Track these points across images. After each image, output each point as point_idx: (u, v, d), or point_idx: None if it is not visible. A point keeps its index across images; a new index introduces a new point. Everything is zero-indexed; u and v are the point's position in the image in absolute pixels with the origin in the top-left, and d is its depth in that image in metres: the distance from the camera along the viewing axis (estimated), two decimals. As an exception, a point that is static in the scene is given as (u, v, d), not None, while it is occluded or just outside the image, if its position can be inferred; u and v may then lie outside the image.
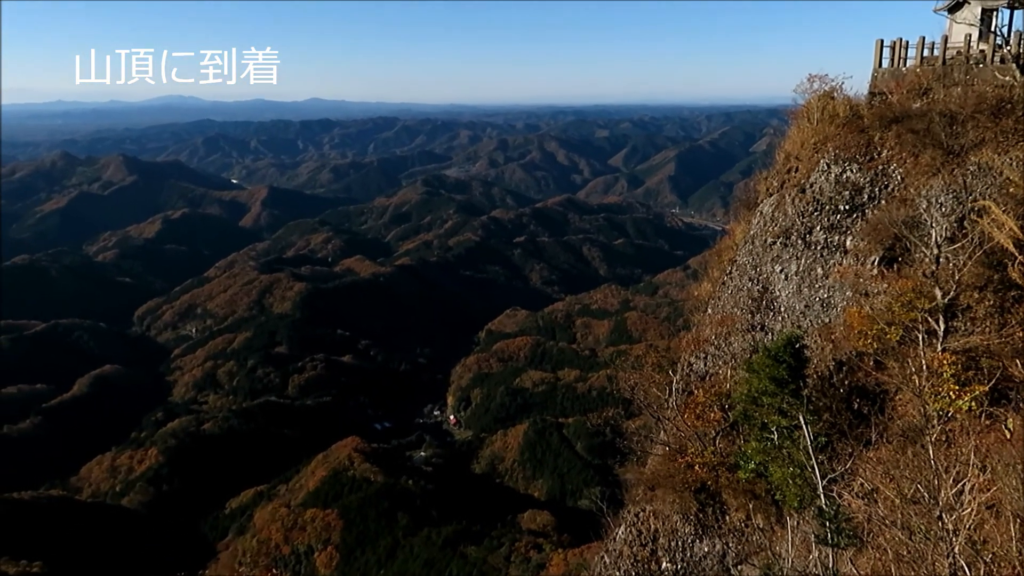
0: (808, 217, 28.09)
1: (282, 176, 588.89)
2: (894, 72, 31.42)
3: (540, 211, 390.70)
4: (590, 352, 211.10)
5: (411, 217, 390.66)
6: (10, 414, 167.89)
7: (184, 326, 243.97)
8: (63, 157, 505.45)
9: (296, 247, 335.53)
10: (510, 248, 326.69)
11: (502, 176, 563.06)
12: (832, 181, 27.74)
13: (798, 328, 25.72)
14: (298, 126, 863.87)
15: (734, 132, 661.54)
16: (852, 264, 25.31)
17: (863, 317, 21.35)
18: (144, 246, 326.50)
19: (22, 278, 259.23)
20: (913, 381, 18.52)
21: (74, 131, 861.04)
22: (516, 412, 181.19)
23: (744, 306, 30.07)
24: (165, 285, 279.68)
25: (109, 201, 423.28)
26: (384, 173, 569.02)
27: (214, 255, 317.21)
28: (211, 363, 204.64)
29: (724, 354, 29.80)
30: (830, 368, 23.68)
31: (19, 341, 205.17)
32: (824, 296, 26.35)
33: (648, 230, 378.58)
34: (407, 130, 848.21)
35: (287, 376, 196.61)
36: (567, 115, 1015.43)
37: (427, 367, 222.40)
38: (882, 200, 26.07)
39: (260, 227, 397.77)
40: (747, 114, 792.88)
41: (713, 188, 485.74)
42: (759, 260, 30.11)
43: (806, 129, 31.51)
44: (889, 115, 27.79)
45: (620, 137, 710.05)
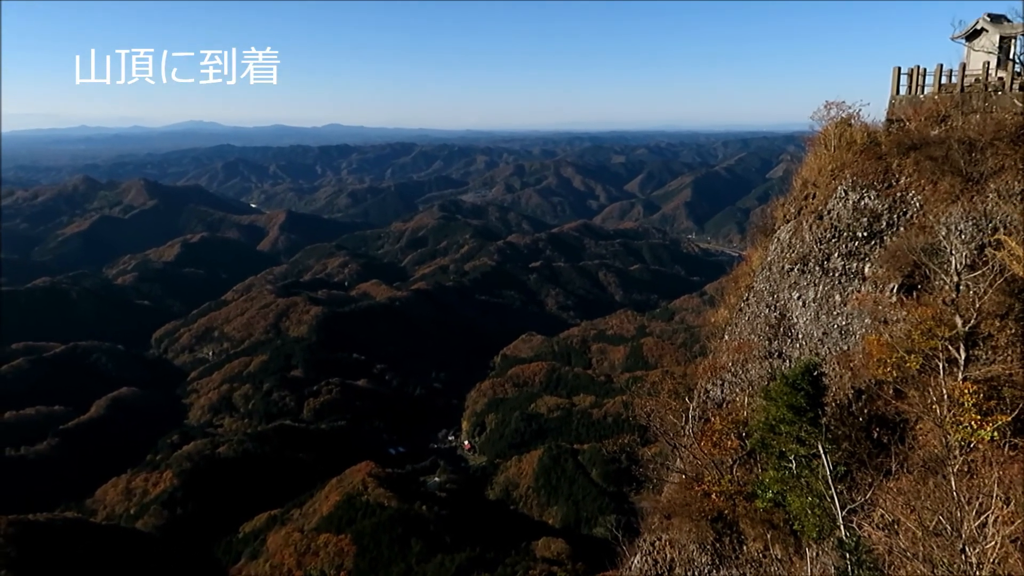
0: (826, 244, 27.96)
1: (300, 200, 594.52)
2: (912, 99, 31.38)
3: (556, 236, 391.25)
4: (606, 378, 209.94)
5: (427, 242, 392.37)
6: (28, 435, 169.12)
7: (201, 349, 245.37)
8: (85, 181, 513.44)
9: (313, 271, 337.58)
10: (526, 273, 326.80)
11: (518, 201, 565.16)
12: (850, 208, 27.63)
13: (816, 355, 25.50)
14: (316, 151, 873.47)
15: (750, 158, 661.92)
16: (871, 291, 25.12)
17: (882, 345, 21.14)
18: (163, 269, 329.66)
19: (43, 300, 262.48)
20: (934, 410, 18.28)
21: (96, 156, 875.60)
22: (531, 438, 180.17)
23: (761, 333, 29.88)
24: (183, 308, 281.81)
25: (130, 225, 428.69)
26: (401, 198, 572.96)
27: (232, 278, 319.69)
28: (227, 386, 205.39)
29: (741, 381, 29.57)
30: (849, 396, 23.43)
31: (39, 363, 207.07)
32: (842, 323, 26.14)
33: (664, 256, 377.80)
34: (424, 155, 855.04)
35: (302, 400, 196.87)
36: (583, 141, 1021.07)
37: (442, 392, 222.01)
38: (901, 227, 25.92)
39: (278, 251, 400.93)
40: (763, 140, 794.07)
41: (729, 214, 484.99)
42: (776, 287, 29.97)
43: (823, 156, 31.49)
44: (907, 142, 27.72)
45: (636, 163, 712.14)
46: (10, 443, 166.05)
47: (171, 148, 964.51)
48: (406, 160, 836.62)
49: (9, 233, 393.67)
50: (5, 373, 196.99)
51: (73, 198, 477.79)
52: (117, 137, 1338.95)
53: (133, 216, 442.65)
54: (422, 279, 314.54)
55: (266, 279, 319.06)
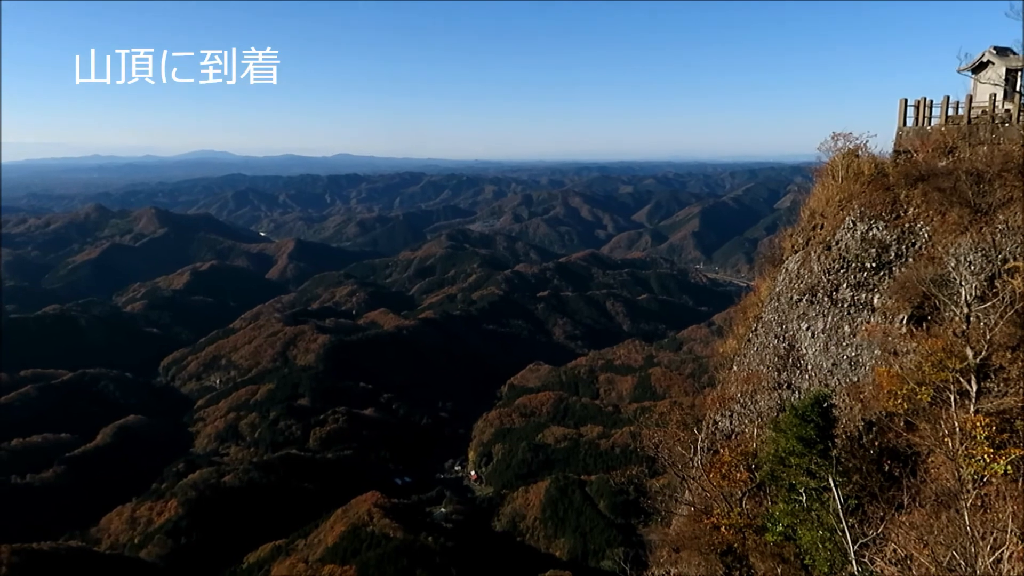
0: (834, 274, 27.91)
1: (309, 229, 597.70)
2: (919, 131, 31.49)
3: (564, 266, 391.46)
4: (613, 408, 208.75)
5: (435, 271, 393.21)
6: (35, 463, 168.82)
7: (208, 377, 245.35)
8: (97, 209, 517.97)
9: (321, 299, 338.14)
10: (533, 302, 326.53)
11: (526, 231, 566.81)
12: (858, 238, 27.61)
13: (825, 387, 25.34)
14: (326, 180, 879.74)
15: (758, 188, 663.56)
16: (880, 322, 25.01)
17: (892, 377, 20.99)
18: (172, 297, 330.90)
19: (52, 328, 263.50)
20: (946, 443, 18.08)
21: (109, 184, 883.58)
22: (538, 468, 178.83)
23: (770, 364, 29.72)
24: (191, 336, 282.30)
25: (140, 253, 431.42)
26: (409, 227, 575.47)
27: (240, 307, 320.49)
28: (234, 414, 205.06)
29: (750, 412, 29.37)
30: (859, 428, 23.22)
31: (47, 390, 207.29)
32: (852, 354, 26.00)
33: (672, 286, 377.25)
34: (433, 185, 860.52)
35: (309, 429, 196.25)
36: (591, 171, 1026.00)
37: (449, 421, 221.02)
38: (909, 258, 25.87)
39: (286, 279, 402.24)
40: (771, 171, 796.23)
41: (737, 244, 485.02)
42: (785, 317, 29.87)
43: (831, 186, 31.57)
44: (915, 173, 27.78)
45: (644, 193, 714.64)
46: (17, 471, 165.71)
47: (183, 177, 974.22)
48: (415, 189, 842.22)
49: (20, 260, 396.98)
50: (13, 400, 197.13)
51: (85, 226, 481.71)
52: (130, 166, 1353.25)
53: (144, 244, 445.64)
54: (430, 308, 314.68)
55: (274, 307, 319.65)
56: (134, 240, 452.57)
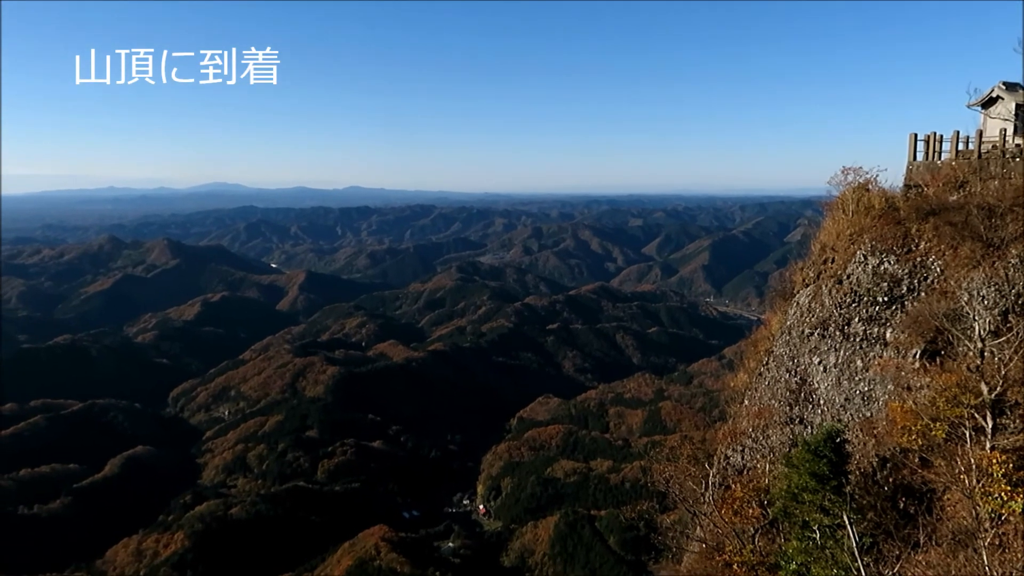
0: (846, 308, 27.78)
1: (320, 261, 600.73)
2: (929, 165, 31.54)
3: (573, 298, 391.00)
4: (623, 442, 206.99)
5: (445, 303, 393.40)
6: (42, 493, 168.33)
7: (217, 408, 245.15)
8: (110, 240, 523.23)
9: (331, 331, 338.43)
10: (543, 335, 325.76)
11: (536, 263, 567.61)
12: (869, 272, 27.52)
13: (838, 422, 25.08)
14: (337, 213, 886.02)
15: (768, 222, 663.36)
16: (893, 357, 24.82)
17: (906, 412, 20.78)
18: (183, 328, 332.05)
19: (64, 358, 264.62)
20: (962, 480, 17.81)
21: (123, 216, 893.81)
22: (547, 503, 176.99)
23: (782, 398, 29.49)
24: (201, 367, 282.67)
25: (152, 284, 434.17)
26: (420, 259, 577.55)
27: (250, 338, 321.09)
28: (242, 446, 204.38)
29: (762, 447, 29.08)
30: (873, 464, 22.93)
31: (56, 420, 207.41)
32: (865, 389, 25.77)
33: (682, 319, 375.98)
34: (443, 217, 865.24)
35: (317, 461, 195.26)
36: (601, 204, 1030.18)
37: (458, 454, 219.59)
38: (922, 292, 25.74)
39: (297, 311, 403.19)
40: (781, 204, 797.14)
41: (748, 277, 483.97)
42: (796, 351, 29.69)
43: (841, 220, 31.56)
44: (926, 207, 27.76)
45: (654, 226, 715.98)
46: (24, 501, 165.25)
47: (195, 209, 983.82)
48: (425, 222, 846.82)
49: (33, 291, 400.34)
50: (23, 430, 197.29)
51: (98, 257, 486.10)
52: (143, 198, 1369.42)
53: (156, 275, 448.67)
54: (439, 340, 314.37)
55: (284, 338, 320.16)
56: (146, 271, 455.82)
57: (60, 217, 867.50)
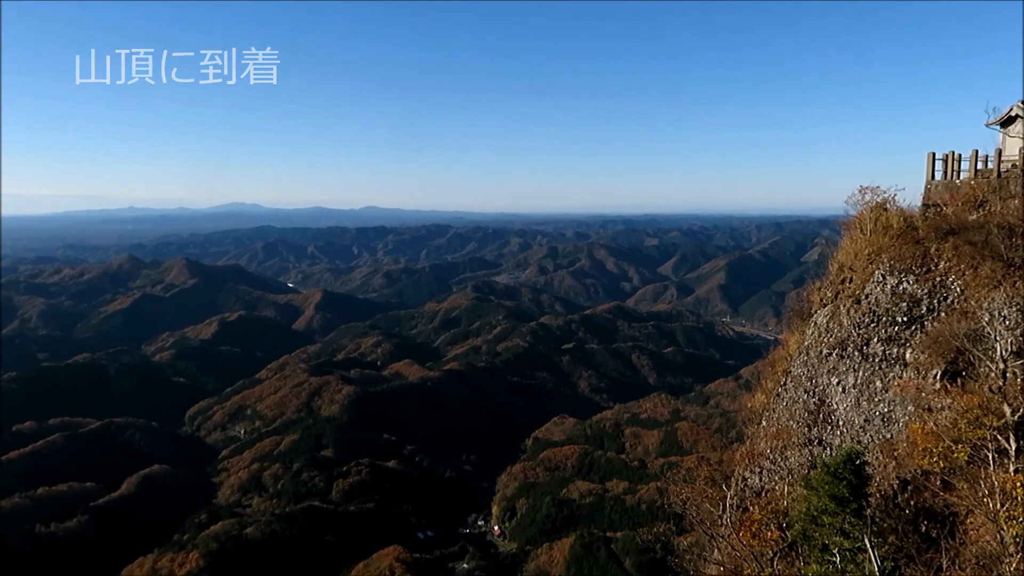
0: (864, 328, 27.52)
1: (336, 280, 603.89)
2: (948, 184, 31.34)
3: (589, 318, 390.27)
4: (639, 463, 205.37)
5: (460, 322, 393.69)
6: (59, 512, 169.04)
7: (233, 427, 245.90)
8: (129, 260, 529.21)
9: (347, 350, 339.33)
10: (558, 355, 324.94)
11: (551, 283, 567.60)
12: (888, 292, 27.29)
13: (858, 443, 24.77)
14: (354, 232, 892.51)
15: (784, 242, 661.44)
16: (913, 378, 24.53)
17: (927, 434, 20.48)
18: (200, 347, 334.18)
19: (82, 376, 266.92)
20: (986, 504, 17.51)
21: (142, 236, 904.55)
22: (562, 524, 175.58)
23: (800, 419, 29.19)
24: (218, 385, 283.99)
25: (170, 303, 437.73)
26: (435, 279, 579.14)
27: (267, 357, 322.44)
28: (257, 465, 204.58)
29: (780, 469, 28.75)
30: (894, 487, 22.60)
31: (74, 439, 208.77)
32: (884, 410, 25.45)
33: (699, 339, 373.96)
34: (459, 237, 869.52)
35: (332, 480, 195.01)
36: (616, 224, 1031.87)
37: (472, 474, 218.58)
38: (941, 312, 25.47)
39: (313, 330, 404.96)
40: (797, 224, 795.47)
41: (764, 297, 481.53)
42: (815, 372, 29.42)
43: (859, 240, 31.38)
44: (945, 227, 27.55)
45: (669, 246, 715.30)
46: (42, 520, 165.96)
47: (214, 228, 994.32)
48: (441, 242, 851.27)
49: (53, 310, 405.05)
50: (41, 449, 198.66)
51: (117, 276, 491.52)
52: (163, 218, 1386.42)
53: (174, 294, 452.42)
54: (454, 359, 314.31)
55: (300, 357, 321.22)
56: (165, 290, 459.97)
57: (81, 237, 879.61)
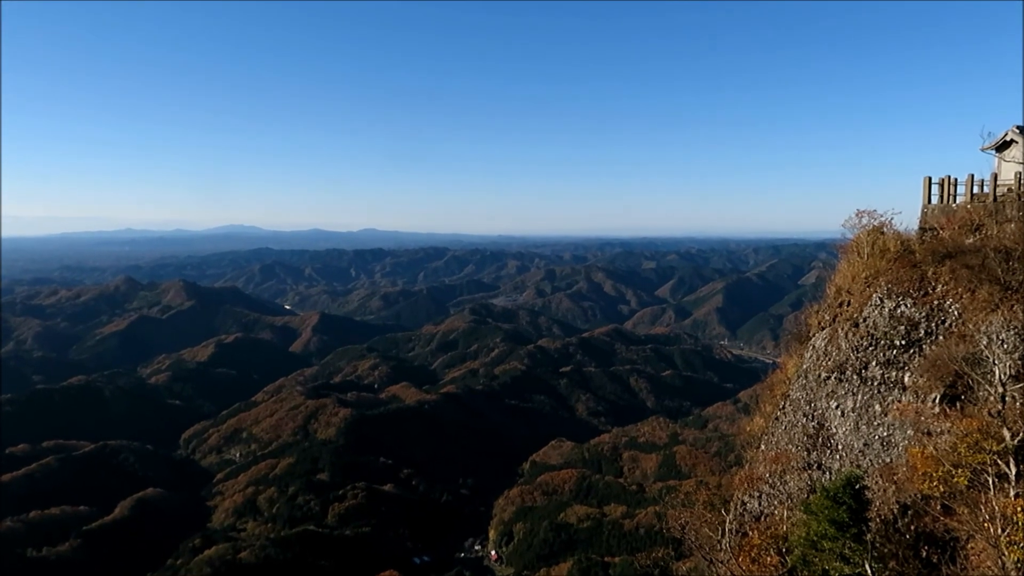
0: (863, 352, 27.52)
1: (334, 303, 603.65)
2: (944, 208, 31.50)
3: (587, 341, 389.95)
4: (638, 487, 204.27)
5: (458, 345, 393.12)
6: (52, 536, 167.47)
7: (229, 450, 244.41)
8: (126, 282, 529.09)
9: (344, 373, 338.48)
10: (556, 378, 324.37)
11: (549, 306, 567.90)
12: (886, 315, 27.32)
13: (857, 467, 24.69)
14: (351, 255, 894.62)
15: (782, 265, 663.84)
16: (912, 401, 24.50)
17: (927, 458, 20.42)
18: (196, 369, 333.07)
19: (77, 399, 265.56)
20: (986, 529, 17.42)
21: (139, 257, 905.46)
22: (560, 549, 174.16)
23: (799, 443, 29.09)
24: (214, 408, 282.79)
25: (167, 325, 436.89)
26: (433, 301, 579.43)
27: (263, 379, 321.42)
28: (252, 489, 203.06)
29: (779, 493, 28.60)
30: (894, 512, 22.48)
31: (68, 461, 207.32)
32: (884, 434, 25.39)
33: (696, 362, 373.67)
34: (456, 260, 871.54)
35: (327, 504, 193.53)
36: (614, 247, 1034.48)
37: (469, 498, 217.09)
38: (940, 336, 25.49)
39: (310, 352, 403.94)
40: (795, 247, 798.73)
41: (762, 320, 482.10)
42: (813, 395, 29.38)
43: (856, 263, 31.49)
44: (942, 250, 27.66)
45: (667, 269, 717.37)
46: (33, 544, 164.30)
47: (211, 250, 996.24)
48: (439, 264, 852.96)
49: (49, 332, 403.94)
50: (34, 471, 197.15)
51: (114, 298, 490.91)
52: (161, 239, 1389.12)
53: (171, 316, 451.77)
54: (452, 382, 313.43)
55: (297, 380, 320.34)
56: (161, 312, 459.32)
57: (78, 258, 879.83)
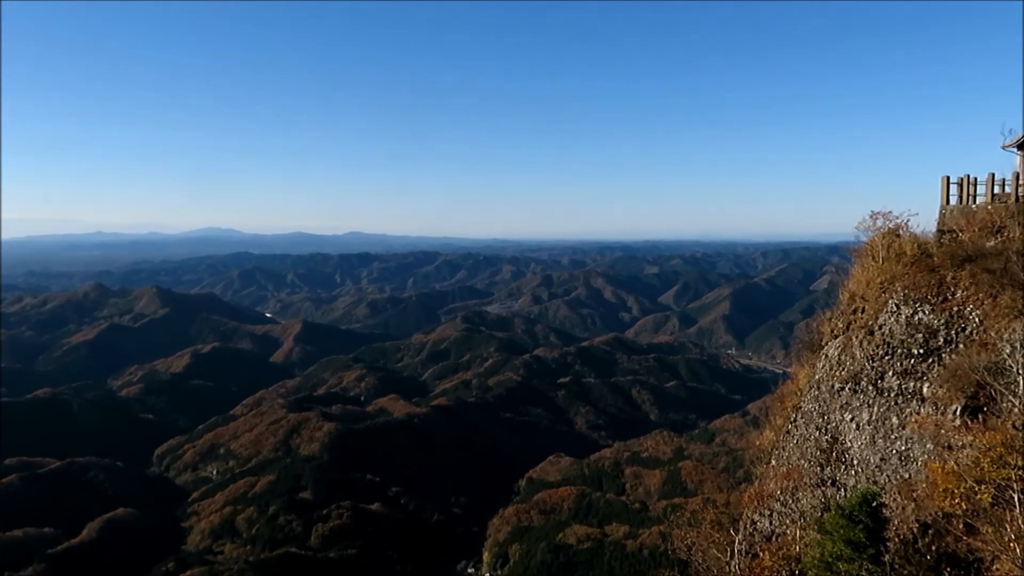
0: (879, 361, 27.53)
1: (317, 310, 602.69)
2: (963, 209, 31.54)
3: (586, 350, 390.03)
4: (641, 505, 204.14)
5: (449, 355, 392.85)
6: (14, 560, 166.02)
7: (205, 467, 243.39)
8: (96, 288, 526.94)
9: (328, 384, 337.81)
10: (554, 389, 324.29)
11: (546, 313, 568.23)
12: (903, 323, 27.34)
13: (874, 484, 24.67)
14: (336, 259, 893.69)
15: (792, 269, 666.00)
16: (931, 413, 24.50)
17: (948, 473, 20.40)
18: (171, 381, 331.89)
19: (43, 412, 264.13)
20: (1012, 549, 17.40)
21: (111, 262, 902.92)
22: (559, 571, 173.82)
23: (812, 458, 29.08)
24: (189, 422, 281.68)
25: (139, 334, 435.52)
26: (423, 308, 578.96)
27: (242, 392, 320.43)
28: (230, 508, 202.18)
29: (791, 511, 28.57)
30: (914, 531, 22.45)
31: (32, 480, 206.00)
32: (902, 448, 25.38)
33: (702, 372, 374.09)
34: (448, 264, 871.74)
35: (310, 524, 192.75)
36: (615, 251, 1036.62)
37: (462, 518, 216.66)
38: (960, 344, 25.51)
39: (292, 363, 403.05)
40: (805, 251, 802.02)
41: (772, 328, 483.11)
42: (826, 407, 29.38)
43: (871, 267, 31.53)
44: (961, 254, 27.68)
45: (671, 274, 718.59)
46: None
47: (187, 255, 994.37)
48: (429, 269, 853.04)
49: (14, 341, 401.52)
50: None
51: (83, 305, 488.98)
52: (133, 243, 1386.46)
53: (143, 325, 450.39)
54: (443, 394, 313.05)
55: (278, 392, 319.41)
56: (134, 320, 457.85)
57: (45, 263, 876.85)
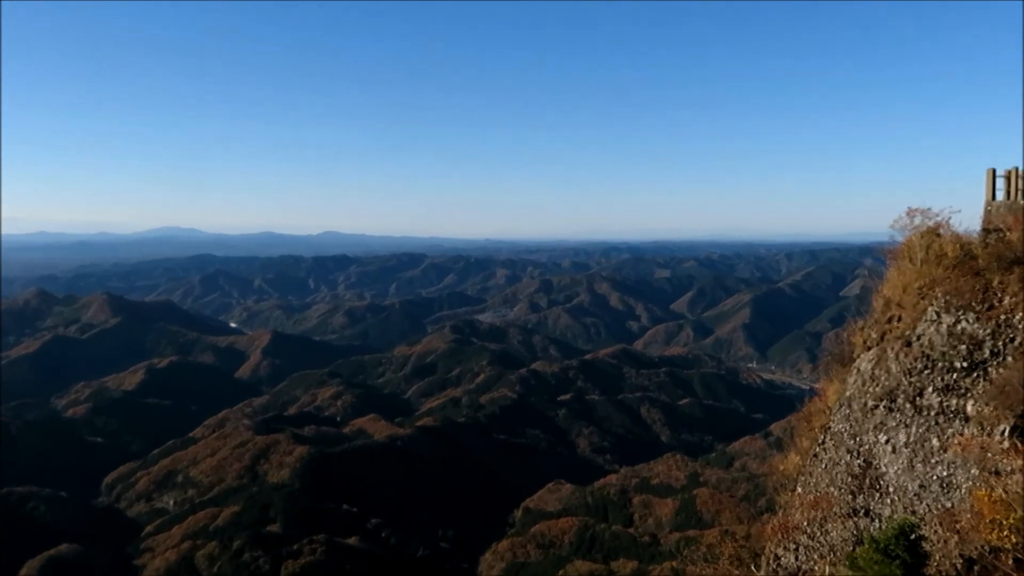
0: (917, 376, 27.51)
1: (288, 320, 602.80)
2: (1011, 206, 31.54)
3: (589, 364, 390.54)
4: (651, 538, 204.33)
5: (437, 369, 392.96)
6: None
7: (161, 497, 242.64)
8: (38, 295, 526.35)
9: (300, 403, 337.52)
10: (553, 408, 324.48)
11: (545, 322, 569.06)
12: (944, 333, 27.33)
13: (912, 514, 24.63)
14: (310, 263, 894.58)
15: (820, 273, 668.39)
16: (976, 435, 24.47)
17: (995, 502, 20.37)
18: (123, 399, 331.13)
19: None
20: (1066, 587, 17.36)
21: (55, 266, 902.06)
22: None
23: (842, 484, 29.03)
24: (143, 446, 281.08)
25: (88, 346, 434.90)
26: (407, 317, 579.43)
27: (203, 411, 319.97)
28: (189, 543, 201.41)
29: (820, 545, 28.54)
30: (957, 567, 22.44)
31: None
32: (943, 474, 25.34)
33: (720, 388, 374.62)
34: (435, 268, 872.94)
35: (279, 561, 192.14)
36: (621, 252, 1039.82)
37: (450, 553, 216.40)
38: (1008, 356, 25.49)
39: (259, 379, 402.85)
40: (834, 252, 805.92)
41: (797, 339, 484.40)
42: (859, 428, 29.35)
43: (908, 271, 31.53)
44: (1009, 255, 27.68)
45: (684, 278, 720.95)
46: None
47: (142, 257, 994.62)
48: (414, 273, 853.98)
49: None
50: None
51: (24, 315, 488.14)
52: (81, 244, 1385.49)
53: (92, 336, 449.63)
54: (429, 414, 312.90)
55: (243, 412, 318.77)
56: (81, 331, 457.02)
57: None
